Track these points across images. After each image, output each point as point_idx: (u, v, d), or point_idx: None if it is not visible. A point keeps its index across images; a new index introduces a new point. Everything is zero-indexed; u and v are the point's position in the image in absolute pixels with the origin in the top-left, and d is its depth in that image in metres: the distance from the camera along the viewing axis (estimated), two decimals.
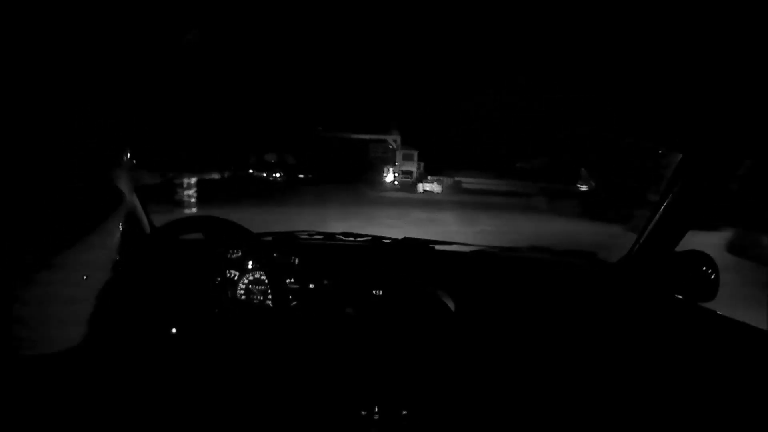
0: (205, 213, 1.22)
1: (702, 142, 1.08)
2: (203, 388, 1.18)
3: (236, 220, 1.19)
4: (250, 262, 1.41)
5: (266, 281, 1.40)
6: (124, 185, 0.68)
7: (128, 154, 0.97)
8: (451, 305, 1.33)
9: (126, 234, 1.27)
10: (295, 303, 1.38)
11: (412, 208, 11.99)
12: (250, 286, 1.41)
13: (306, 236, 1.63)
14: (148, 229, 1.46)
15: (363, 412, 1.27)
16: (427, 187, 18.85)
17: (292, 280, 1.40)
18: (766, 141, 0.99)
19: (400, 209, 11.34)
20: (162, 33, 0.73)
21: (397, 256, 1.50)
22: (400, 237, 1.64)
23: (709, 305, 1.23)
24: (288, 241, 1.56)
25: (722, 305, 1.17)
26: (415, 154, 21.02)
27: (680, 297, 1.27)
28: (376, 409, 1.27)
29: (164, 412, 1.15)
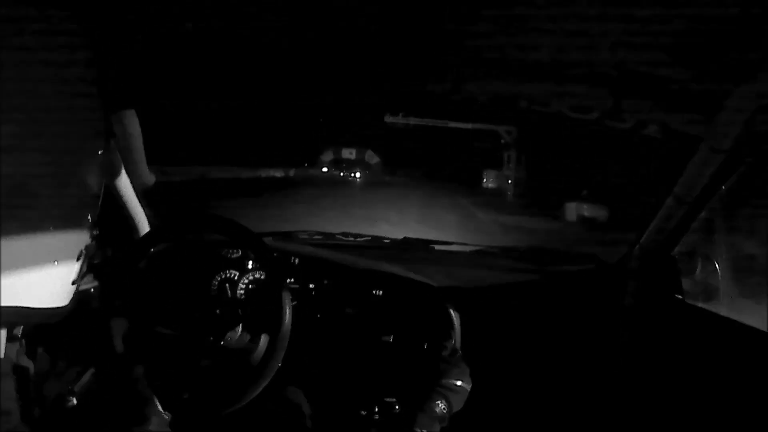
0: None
1: (703, 140, 1.07)
2: (203, 389, 1.18)
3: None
4: (250, 262, 1.41)
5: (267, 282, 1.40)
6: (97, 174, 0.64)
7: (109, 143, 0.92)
8: (455, 319, 1.33)
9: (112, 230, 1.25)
10: (295, 303, 1.38)
11: None
12: (250, 286, 1.41)
13: (306, 236, 1.63)
14: (143, 226, 1.45)
15: (363, 412, 1.27)
16: (586, 211, 11.63)
17: (292, 279, 1.40)
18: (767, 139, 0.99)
19: None
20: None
21: (397, 256, 1.50)
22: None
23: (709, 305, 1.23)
24: (288, 240, 1.56)
25: None
26: (522, 156, 14.87)
27: (680, 297, 1.27)
28: (377, 409, 1.27)
29: (164, 411, 1.15)
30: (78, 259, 0.62)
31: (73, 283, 0.64)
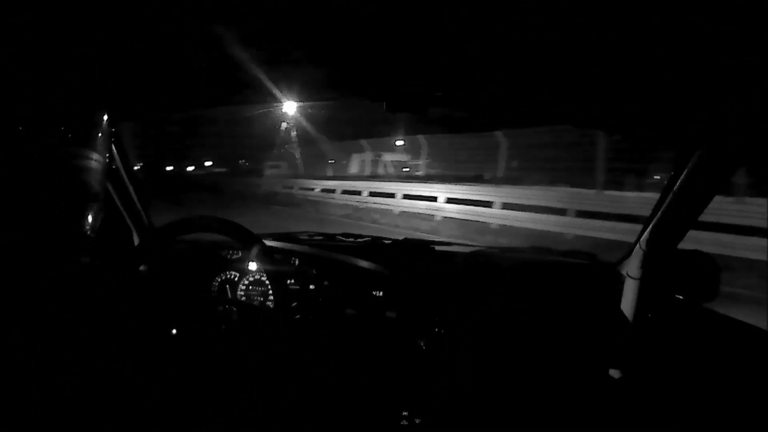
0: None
1: (704, 139, 1.08)
2: (204, 389, 1.18)
3: None
4: (251, 263, 1.41)
5: (266, 282, 1.40)
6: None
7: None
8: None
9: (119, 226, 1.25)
10: (295, 304, 1.38)
11: None
12: (251, 287, 1.41)
13: (306, 237, 1.63)
14: (145, 229, 1.46)
15: (363, 413, 1.27)
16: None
17: (293, 281, 1.40)
18: None
19: None
20: None
21: (397, 256, 1.50)
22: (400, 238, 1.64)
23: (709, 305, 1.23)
24: (288, 241, 1.56)
25: None
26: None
27: (680, 297, 1.27)
28: (377, 411, 1.28)
29: (164, 412, 1.16)
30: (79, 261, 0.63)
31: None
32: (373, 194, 10.71)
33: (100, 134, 0.67)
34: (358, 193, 11.15)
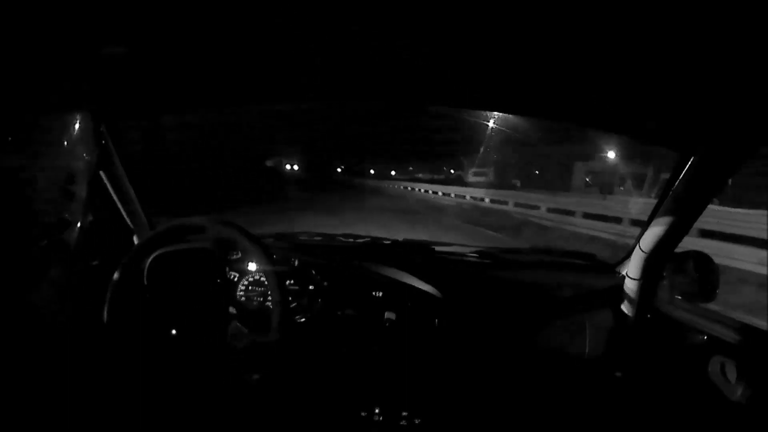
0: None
1: (702, 141, 1.08)
2: (203, 389, 1.18)
3: None
4: (250, 264, 1.41)
5: (266, 283, 1.40)
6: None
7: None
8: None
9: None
10: (294, 304, 1.38)
11: None
12: (251, 287, 1.41)
13: (305, 237, 1.63)
14: (145, 228, 1.46)
15: (363, 413, 1.27)
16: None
17: (292, 281, 1.40)
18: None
19: None
20: None
21: (397, 257, 1.50)
22: (400, 239, 1.65)
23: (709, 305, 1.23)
24: (287, 242, 1.56)
25: None
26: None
27: (680, 297, 1.27)
28: (377, 410, 1.28)
29: (164, 412, 1.16)
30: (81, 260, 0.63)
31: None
32: (635, 223, 7.01)
33: (85, 135, 0.67)
34: (618, 220, 7.48)
